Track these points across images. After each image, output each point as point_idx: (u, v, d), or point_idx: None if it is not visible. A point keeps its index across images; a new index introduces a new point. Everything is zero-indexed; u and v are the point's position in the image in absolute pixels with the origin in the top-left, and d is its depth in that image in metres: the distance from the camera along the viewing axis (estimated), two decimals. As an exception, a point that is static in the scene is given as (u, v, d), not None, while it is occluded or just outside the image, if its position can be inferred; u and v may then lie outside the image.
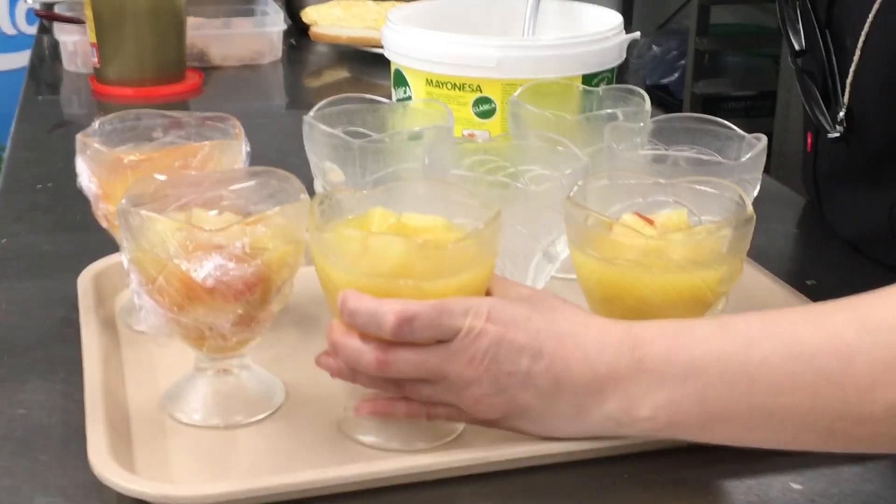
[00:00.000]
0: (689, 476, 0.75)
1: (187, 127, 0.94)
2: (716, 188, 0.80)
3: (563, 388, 0.70)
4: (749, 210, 0.76)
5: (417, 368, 0.71)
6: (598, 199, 0.81)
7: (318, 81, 1.89)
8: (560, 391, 0.71)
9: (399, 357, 0.71)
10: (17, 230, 1.15)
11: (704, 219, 0.80)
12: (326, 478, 0.71)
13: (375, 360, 0.71)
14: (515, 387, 0.71)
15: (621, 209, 0.81)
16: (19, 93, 1.70)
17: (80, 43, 1.74)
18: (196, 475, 0.74)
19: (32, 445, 0.77)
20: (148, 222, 0.74)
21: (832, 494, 0.73)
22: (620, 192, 0.82)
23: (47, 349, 0.90)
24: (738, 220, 0.75)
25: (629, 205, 0.82)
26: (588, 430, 0.72)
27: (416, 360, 0.71)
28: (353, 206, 0.78)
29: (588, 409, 0.71)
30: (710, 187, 0.81)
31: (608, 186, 0.82)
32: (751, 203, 0.78)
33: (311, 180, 0.95)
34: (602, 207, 0.81)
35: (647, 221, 0.78)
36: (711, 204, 0.80)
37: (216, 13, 1.92)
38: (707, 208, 0.80)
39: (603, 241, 0.76)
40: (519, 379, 0.70)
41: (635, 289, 0.75)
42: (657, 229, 0.77)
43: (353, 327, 0.71)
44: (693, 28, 3.30)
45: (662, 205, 0.82)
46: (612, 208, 0.81)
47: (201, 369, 0.81)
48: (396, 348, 0.70)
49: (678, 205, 0.81)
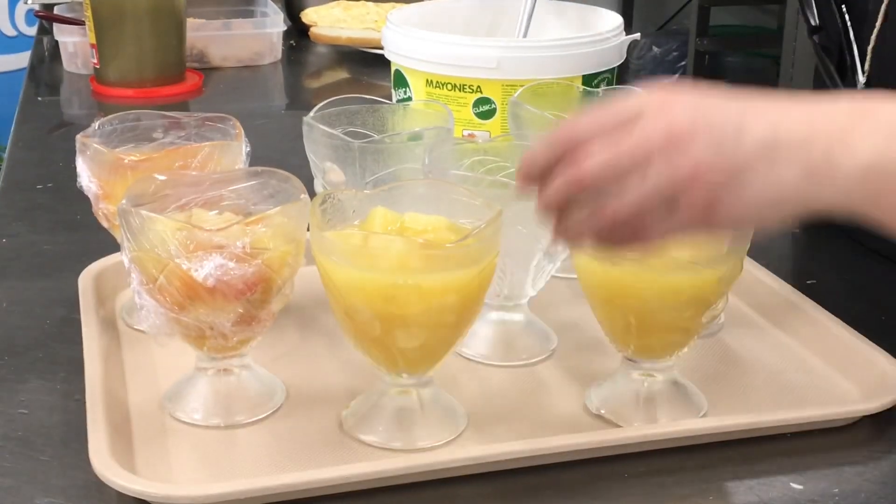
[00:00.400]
0: (690, 476, 0.75)
1: (187, 127, 0.94)
2: None
3: (780, 140, 0.63)
4: None
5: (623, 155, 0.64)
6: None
7: (317, 82, 1.89)
8: (777, 142, 0.63)
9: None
10: (17, 230, 1.15)
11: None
12: (327, 477, 0.71)
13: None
14: (730, 139, 0.63)
15: None
16: (19, 94, 1.69)
17: (79, 44, 1.74)
18: (197, 475, 0.74)
19: (33, 445, 0.77)
20: (148, 222, 0.74)
21: (833, 494, 0.73)
22: None
23: (48, 349, 0.90)
24: None
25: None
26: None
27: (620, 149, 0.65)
28: (353, 206, 0.78)
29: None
30: None
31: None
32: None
33: (311, 180, 0.95)
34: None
35: None
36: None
37: (216, 14, 1.92)
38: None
39: None
40: (732, 128, 0.63)
41: (636, 289, 0.75)
42: None
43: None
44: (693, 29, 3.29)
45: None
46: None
47: (202, 369, 0.81)
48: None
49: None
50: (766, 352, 0.91)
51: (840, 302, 0.99)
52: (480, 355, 0.89)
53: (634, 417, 0.79)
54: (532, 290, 0.88)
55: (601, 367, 0.87)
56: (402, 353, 0.75)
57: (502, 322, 0.90)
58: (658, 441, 0.76)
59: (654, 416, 0.79)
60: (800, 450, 0.78)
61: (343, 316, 0.75)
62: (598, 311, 0.80)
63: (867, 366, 0.85)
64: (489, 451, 0.74)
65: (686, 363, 0.86)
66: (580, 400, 0.83)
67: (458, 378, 0.86)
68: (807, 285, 1.02)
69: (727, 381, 0.86)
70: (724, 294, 0.77)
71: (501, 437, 0.78)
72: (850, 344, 0.87)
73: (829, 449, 0.78)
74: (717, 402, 0.83)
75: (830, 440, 0.79)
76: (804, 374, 0.88)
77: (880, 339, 0.87)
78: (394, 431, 0.77)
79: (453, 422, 0.79)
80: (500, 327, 0.90)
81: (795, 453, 0.77)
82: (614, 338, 0.80)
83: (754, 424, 0.78)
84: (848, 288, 1.04)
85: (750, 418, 0.79)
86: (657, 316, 0.76)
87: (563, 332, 0.92)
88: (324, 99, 0.98)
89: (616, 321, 0.78)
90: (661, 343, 0.79)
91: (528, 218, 0.81)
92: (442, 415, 0.79)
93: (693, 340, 0.80)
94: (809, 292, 0.96)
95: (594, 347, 0.90)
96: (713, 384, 0.85)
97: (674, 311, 0.76)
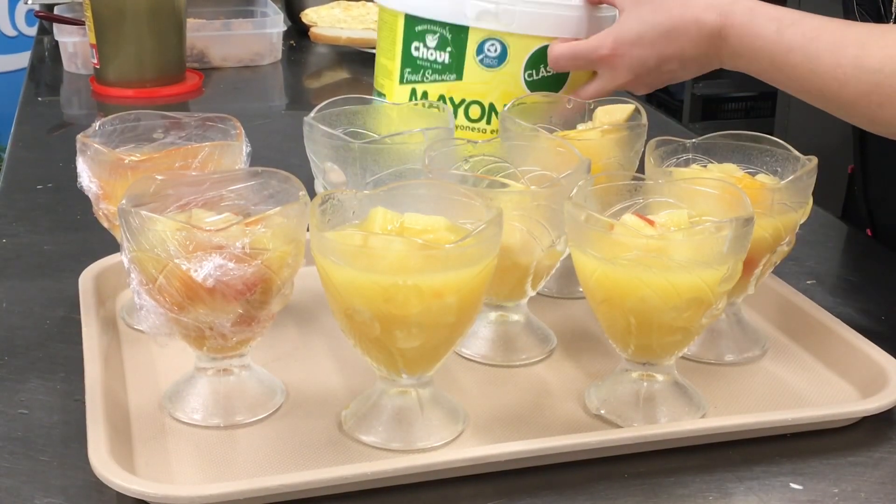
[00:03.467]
0: (689, 476, 0.75)
1: (187, 128, 0.94)
2: (715, 188, 0.80)
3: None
4: (749, 210, 0.76)
5: None
6: (598, 199, 0.81)
7: (317, 82, 1.89)
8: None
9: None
10: (17, 230, 1.15)
11: (705, 219, 0.80)
12: (327, 478, 0.71)
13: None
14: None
15: (621, 210, 0.82)
16: (19, 94, 1.70)
17: (79, 44, 1.75)
18: (196, 475, 0.74)
19: (33, 445, 0.77)
20: (148, 222, 0.74)
21: (832, 494, 0.73)
22: (621, 193, 0.82)
23: (48, 349, 0.90)
24: (739, 220, 0.75)
25: (629, 205, 0.82)
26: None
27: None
28: (353, 206, 0.78)
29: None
30: (709, 187, 0.81)
31: (608, 187, 0.82)
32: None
33: (311, 180, 0.95)
34: (602, 208, 0.81)
35: (648, 222, 0.78)
36: (712, 204, 0.80)
37: (216, 14, 1.92)
38: (707, 208, 0.80)
39: (603, 241, 0.76)
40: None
41: (636, 288, 0.75)
42: (657, 230, 0.77)
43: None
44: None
45: (662, 205, 0.82)
46: (613, 209, 0.82)
47: (202, 369, 0.81)
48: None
49: (677, 205, 0.81)
50: (766, 352, 0.91)
51: (839, 302, 0.99)
52: (480, 355, 0.89)
53: (634, 418, 0.79)
54: (532, 290, 0.89)
55: (601, 367, 0.87)
56: (401, 354, 0.75)
57: (502, 322, 0.90)
58: (658, 441, 0.76)
59: (654, 417, 0.79)
60: (800, 450, 0.78)
61: (343, 316, 0.75)
62: (598, 311, 0.80)
63: (867, 366, 0.85)
64: (489, 451, 0.74)
65: (686, 364, 0.86)
66: (579, 400, 0.83)
67: (458, 378, 0.86)
68: (807, 285, 1.02)
69: (727, 381, 0.86)
70: (724, 294, 0.77)
71: (501, 437, 0.78)
72: (849, 344, 0.87)
73: (828, 449, 0.78)
74: (717, 403, 0.83)
75: (830, 441, 0.79)
76: (804, 374, 0.88)
77: (880, 340, 0.87)
78: (393, 432, 0.77)
79: (453, 422, 0.79)
80: (500, 327, 0.90)
81: (795, 454, 0.77)
82: (614, 338, 0.80)
83: (754, 425, 0.78)
84: (848, 288, 1.04)
85: (750, 419, 0.79)
86: (658, 316, 0.76)
87: (562, 333, 0.92)
88: (324, 99, 0.98)
89: (616, 321, 0.78)
90: (661, 343, 0.79)
91: (528, 218, 0.82)
92: (441, 415, 0.79)
93: (693, 341, 0.80)
94: (809, 292, 0.96)
95: (594, 348, 0.90)
96: (713, 384, 0.85)
97: (674, 312, 0.76)
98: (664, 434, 0.76)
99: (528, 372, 0.87)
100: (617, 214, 0.81)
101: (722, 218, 0.76)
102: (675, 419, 0.79)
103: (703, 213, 0.80)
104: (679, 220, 0.79)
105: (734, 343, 0.90)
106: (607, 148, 0.95)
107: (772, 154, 0.90)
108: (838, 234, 1.16)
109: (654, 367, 0.81)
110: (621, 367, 0.82)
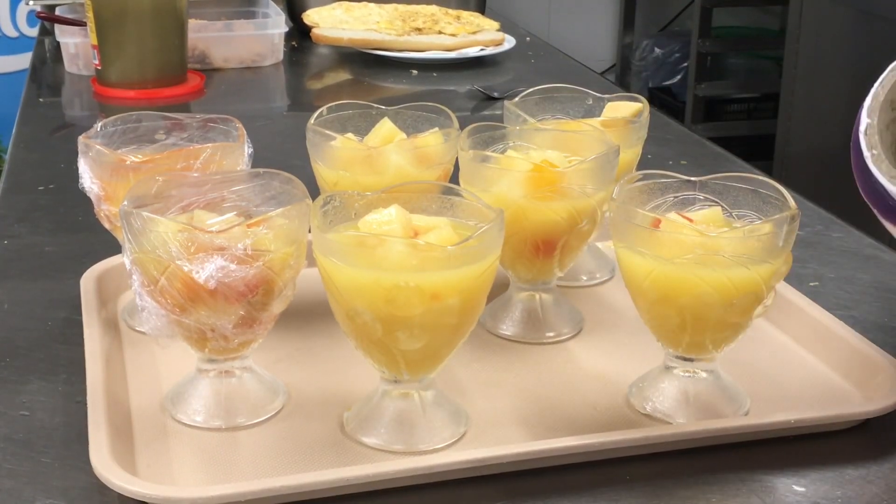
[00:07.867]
0: (692, 479, 0.75)
1: (189, 129, 0.94)
2: (749, 184, 0.81)
3: None
4: (793, 206, 0.77)
5: None
6: (632, 197, 0.81)
7: (319, 83, 1.89)
8: None
9: None
10: (19, 231, 1.15)
11: (738, 214, 0.81)
12: (328, 479, 0.71)
13: None
14: None
15: (654, 207, 0.82)
16: (21, 95, 1.70)
17: (81, 45, 1.75)
18: (198, 477, 0.74)
19: (34, 447, 0.77)
20: (150, 224, 0.73)
21: (835, 497, 0.73)
22: (654, 191, 0.82)
23: (49, 350, 0.90)
24: (789, 215, 0.76)
25: (661, 202, 0.82)
26: None
27: None
28: (356, 208, 0.78)
29: None
30: (743, 183, 0.81)
31: (641, 185, 0.82)
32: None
33: (313, 181, 0.95)
34: (637, 206, 0.80)
35: (688, 220, 0.78)
36: (744, 200, 0.81)
37: (217, 15, 1.92)
38: (740, 204, 0.81)
39: (654, 240, 0.76)
40: None
41: (693, 285, 0.75)
42: (704, 228, 0.77)
43: None
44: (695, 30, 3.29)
45: (693, 202, 0.82)
46: (646, 206, 0.81)
47: (203, 371, 0.81)
48: None
49: (710, 202, 0.82)
50: (767, 354, 0.91)
51: (842, 304, 0.99)
52: (512, 333, 0.92)
53: (683, 415, 0.80)
54: (559, 271, 0.91)
55: (603, 368, 0.87)
56: (403, 355, 0.75)
57: (531, 299, 0.93)
58: (660, 444, 0.76)
59: (700, 413, 0.80)
60: (802, 452, 0.78)
61: (344, 318, 0.75)
62: (651, 310, 0.79)
63: (869, 368, 0.84)
64: (491, 453, 0.74)
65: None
66: (583, 401, 0.83)
67: (460, 379, 0.86)
68: (809, 287, 1.02)
69: (729, 383, 0.86)
70: (773, 288, 0.78)
71: (503, 439, 0.78)
72: (852, 346, 0.87)
73: (831, 452, 0.78)
74: (719, 405, 0.83)
75: (833, 443, 0.79)
76: (806, 376, 0.87)
77: (883, 342, 0.87)
78: (395, 433, 0.77)
79: (455, 424, 0.79)
80: (529, 304, 0.93)
81: (797, 456, 0.77)
82: (665, 336, 0.80)
83: (756, 427, 0.78)
84: (850, 290, 1.04)
85: (752, 421, 0.79)
86: (714, 313, 0.76)
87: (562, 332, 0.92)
88: (325, 100, 0.98)
89: (670, 320, 0.78)
90: (713, 339, 0.79)
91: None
92: (444, 417, 0.79)
93: (741, 335, 0.80)
94: (812, 294, 0.96)
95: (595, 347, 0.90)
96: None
97: (729, 307, 0.76)
98: (666, 436, 0.76)
99: (528, 372, 0.87)
100: (655, 210, 0.81)
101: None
102: (720, 416, 0.80)
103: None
104: (715, 216, 0.79)
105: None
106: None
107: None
108: (841, 235, 1.16)
109: (697, 364, 0.81)
110: (664, 364, 0.82)
